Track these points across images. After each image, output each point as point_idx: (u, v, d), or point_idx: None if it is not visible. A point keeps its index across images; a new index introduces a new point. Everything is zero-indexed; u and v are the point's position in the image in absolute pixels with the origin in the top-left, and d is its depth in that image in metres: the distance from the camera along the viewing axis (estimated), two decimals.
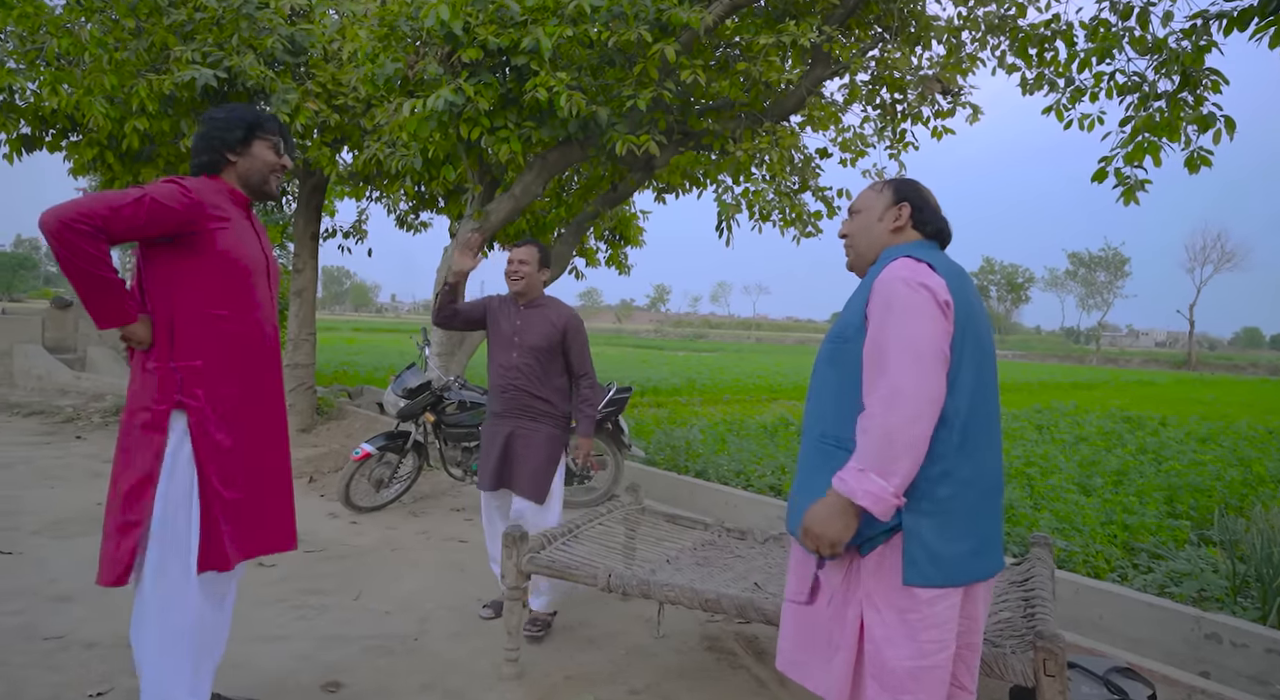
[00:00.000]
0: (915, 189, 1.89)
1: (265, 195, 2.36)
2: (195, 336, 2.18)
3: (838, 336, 1.78)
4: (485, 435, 3.41)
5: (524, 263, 3.34)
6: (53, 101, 5.91)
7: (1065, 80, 5.10)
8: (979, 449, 1.70)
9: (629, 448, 5.77)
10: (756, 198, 6.42)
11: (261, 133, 2.29)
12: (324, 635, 3.20)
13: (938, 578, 1.63)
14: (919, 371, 1.59)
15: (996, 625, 2.38)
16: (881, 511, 1.58)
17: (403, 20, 5.14)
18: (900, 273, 1.66)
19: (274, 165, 2.33)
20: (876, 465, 1.57)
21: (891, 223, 1.85)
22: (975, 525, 1.70)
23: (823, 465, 1.74)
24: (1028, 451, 7.54)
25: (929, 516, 1.64)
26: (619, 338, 59.73)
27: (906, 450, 1.57)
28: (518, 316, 3.37)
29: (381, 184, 8.03)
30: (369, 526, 4.87)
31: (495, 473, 3.33)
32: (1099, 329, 77.02)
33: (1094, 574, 4.15)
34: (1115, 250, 73.69)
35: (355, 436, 7.32)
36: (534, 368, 3.32)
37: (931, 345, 1.60)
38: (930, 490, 1.64)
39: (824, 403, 1.80)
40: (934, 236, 1.87)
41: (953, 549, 1.65)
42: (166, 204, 2.07)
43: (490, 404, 3.44)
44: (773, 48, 5.45)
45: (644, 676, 2.95)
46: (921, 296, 1.62)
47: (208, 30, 5.88)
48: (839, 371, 1.75)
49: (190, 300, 2.17)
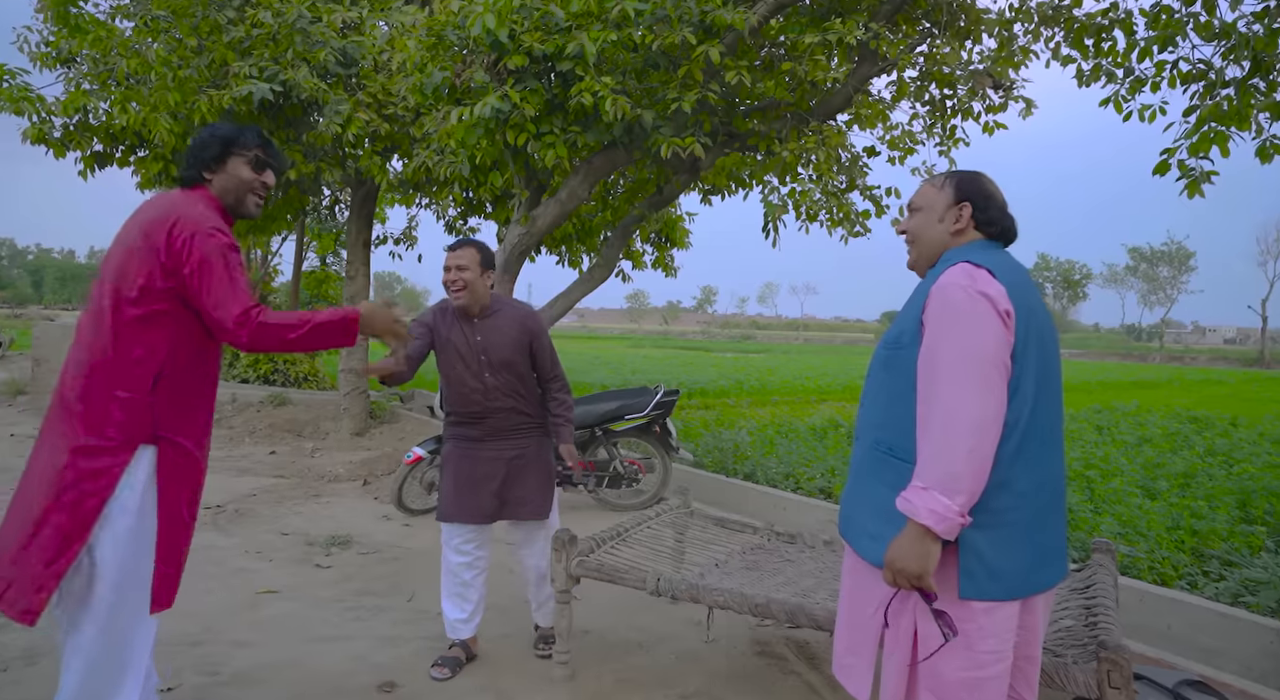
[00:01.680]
0: (978, 185, 1.79)
1: (243, 215, 2.23)
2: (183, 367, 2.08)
3: (894, 342, 1.73)
4: (466, 466, 2.97)
5: (462, 268, 2.87)
6: (123, 119, 6.19)
7: (1124, 70, 4.92)
8: (1039, 458, 1.63)
9: (677, 451, 5.77)
10: (803, 198, 6.34)
11: (237, 148, 2.18)
12: (379, 636, 3.27)
13: (995, 591, 1.59)
14: (980, 386, 1.54)
15: (1057, 634, 2.31)
16: (946, 530, 1.53)
17: (450, 30, 5.23)
18: (959, 280, 1.61)
19: (250, 183, 2.19)
20: (940, 483, 1.52)
21: (952, 224, 1.78)
22: (1035, 536, 1.64)
23: (875, 472, 1.71)
24: (1087, 453, 7.31)
25: (985, 529, 1.58)
26: (666, 340, 59.75)
27: (969, 467, 1.52)
28: (475, 332, 2.94)
29: (430, 191, 8.18)
30: (421, 529, 4.96)
31: (494, 505, 2.97)
32: (1162, 326, 74.25)
33: (1160, 581, 3.99)
34: (1179, 244, 71.04)
35: (407, 440, 7.47)
36: (513, 383, 2.96)
37: (992, 358, 1.55)
38: (985, 502, 1.57)
39: (877, 409, 1.76)
40: (998, 236, 1.78)
41: (1011, 562, 1.60)
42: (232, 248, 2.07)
43: (461, 430, 3.01)
44: (818, 46, 5.38)
45: (694, 681, 2.94)
46: (981, 306, 1.57)
47: (264, 46, 6.07)
48: (893, 378, 1.71)
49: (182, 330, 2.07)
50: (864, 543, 1.73)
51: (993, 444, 1.55)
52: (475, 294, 2.91)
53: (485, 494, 2.96)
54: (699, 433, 7.86)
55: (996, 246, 1.77)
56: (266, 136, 2.28)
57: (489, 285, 2.97)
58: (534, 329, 3.02)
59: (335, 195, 9.94)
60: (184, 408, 2.11)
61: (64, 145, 6.61)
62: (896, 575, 1.57)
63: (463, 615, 3.05)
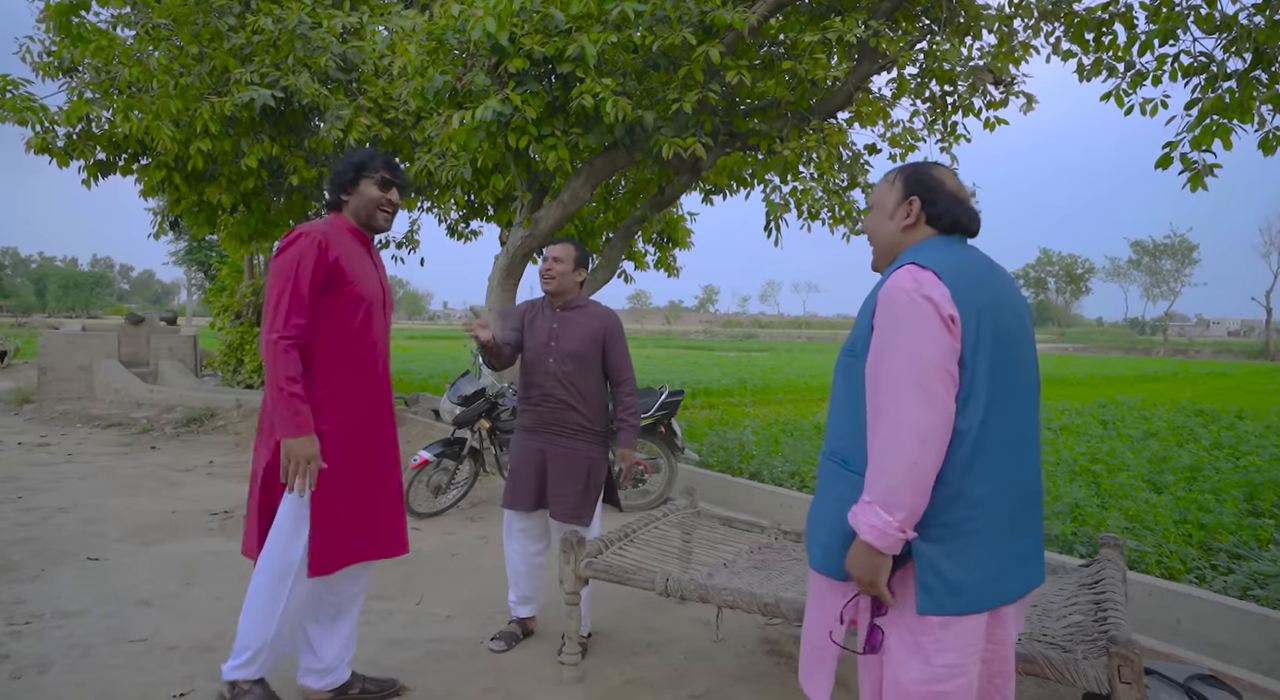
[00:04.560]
0: (926, 178, 1.70)
1: (375, 228, 2.60)
2: (325, 366, 2.43)
3: (849, 350, 1.69)
4: (517, 452, 3.20)
5: (558, 261, 3.13)
6: (125, 127, 6.20)
7: (1125, 64, 4.91)
8: (998, 465, 1.56)
9: (682, 451, 5.77)
10: (805, 196, 6.36)
11: (367, 172, 2.52)
12: (389, 639, 3.28)
13: (955, 606, 1.53)
14: (922, 398, 1.48)
15: (1066, 629, 2.31)
16: (886, 546, 1.49)
17: (450, 34, 5.25)
18: (903, 283, 1.54)
19: (379, 200, 2.54)
20: (881, 498, 1.49)
21: (903, 220, 1.70)
22: (998, 544, 1.57)
23: (828, 483, 1.70)
24: (1093, 448, 7.29)
25: (941, 542, 1.53)
26: (668, 340, 59.67)
27: (909, 482, 1.48)
28: (554, 320, 3.16)
29: (433, 194, 8.20)
30: (429, 532, 4.97)
31: (535, 493, 3.14)
32: (1166, 319, 74.06)
33: (1168, 575, 3.99)
34: (1182, 237, 70.90)
35: (413, 443, 7.47)
36: (572, 375, 3.10)
37: (935, 367, 1.49)
38: (938, 515, 1.53)
39: (836, 419, 1.72)
40: (952, 228, 1.68)
41: (971, 574, 1.53)
42: (308, 264, 2.37)
43: (520, 418, 3.22)
44: (818, 45, 5.39)
45: (704, 681, 2.94)
46: (922, 311, 1.50)
47: (265, 52, 6.09)
48: (849, 387, 1.66)
49: (322, 332, 2.42)
50: (814, 551, 1.72)
51: (936, 458, 1.50)
52: (563, 286, 3.15)
53: (526, 481, 3.14)
54: (704, 433, 7.86)
55: (955, 241, 1.68)
56: (392, 161, 2.60)
57: (579, 282, 3.21)
58: (611, 328, 3.19)
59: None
60: None
61: (67, 154, 6.63)
62: (858, 583, 1.56)
63: (514, 598, 3.29)
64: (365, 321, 2.51)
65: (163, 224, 9.98)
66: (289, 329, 2.33)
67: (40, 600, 3.58)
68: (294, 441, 2.30)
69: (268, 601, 2.43)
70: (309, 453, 2.31)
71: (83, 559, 4.21)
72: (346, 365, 2.47)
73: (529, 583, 3.27)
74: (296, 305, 2.34)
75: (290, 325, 2.33)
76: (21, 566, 4.05)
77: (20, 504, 5.38)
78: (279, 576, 2.42)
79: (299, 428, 2.30)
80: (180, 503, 5.47)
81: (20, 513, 5.13)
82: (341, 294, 2.44)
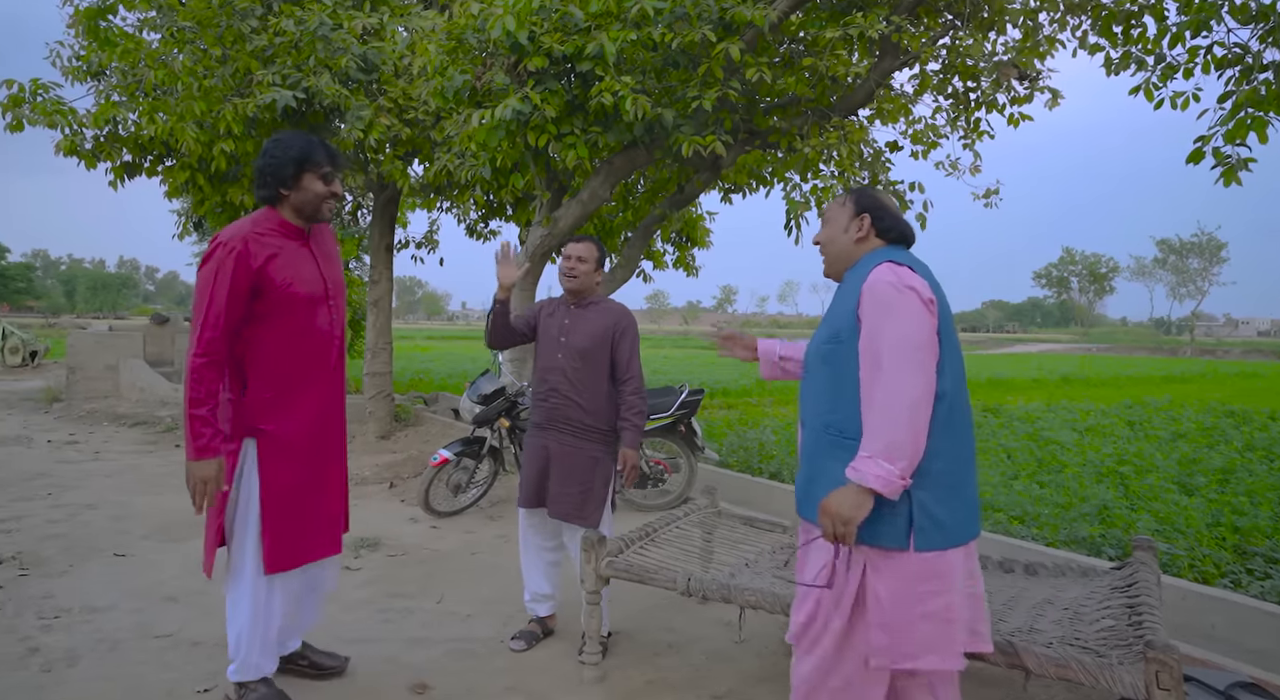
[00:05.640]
0: (874, 199, 2.06)
1: (315, 221, 2.55)
2: (267, 370, 2.43)
3: (832, 338, 1.96)
4: (526, 449, 3.23)
5: (582, 260, 3.13)
6: (150, 129, 6.28)
7: (1155, 57, 4.81)
8: (962, 424, 1.91)
9: (702, 450, 5.74)
10: (825, 194, 6.29)
11: (310, 166, 2.44)
12: (410, 638, 3.28)
13: (941, 541, 1.84)
14: (914, 368, 1.78)
15: (1100, 633, 2.26)
16: (890, 492, 1.76)
17: (470, 33, 5.24)
18: (886, 277, 1.85)
19: (324, 195, 2.49)
20: (884, 451, 1.75)
21: (856, 233, 2.04)
22: (964, 493, 1.91)
23: (829, 454, 1.92)
24: (1120, 449, 7.18)
25: (929, 489, 1.84)
26: (686, 340, 59.59)
27: (909, 436, 1.76)
28: (567, 316, 3.18)
29: (452, 194, 8.22)
30: (449, 531, 4.98)
31: (535, 489, 3.14)
32: (1193, 319, 72.90)
33: (1201, 579, 3.90)
34: (1210, 235, 69.76)
35: (432, 442, 7.51)
36: (579, 371, 3.09)
37: (923, 342, 1.80)
38: (926, 466, 1.83)
39: (821, 399, 1.99)
40: (898, 240, 2.03)
41: (952, 515, 1.86)
42: (225, 278, 2.32)
43: (531, 414, 3.24)
44: (839, 41, 5.33)
45: (726, 682, 2.91)
46: (909, 297, 1.82)
47: (286, 53, 6.13)
48: (834, 369, 1.94)
49: (261, 336, 2.41)
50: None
51: (927, 416, 1.79)
52: (584, 285, 3.17)
53: (530, 478, 3.16)
54: (723, 432, 7.82)
55: (902, 248, 2.03)
56: (331, 148, 2.54)
57: (597, 282, 3.22)
58: (623, 326, 3.17)
59: (357, 200, 10.02)
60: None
61: (94, 156, 6.72)
62: (830, 519, 1.80)
63: (529, 596, 3.31)
64: (308, 318, 2.47)
65: (187, 225, 10.09)
66: (202, 347, 2.29)
67: (69, 595, 3.63)
68: (194, 464, 2.29)
69: (244, 605, 2.48)
70: (206, 475, 2.30)
71: (110, 555, 4.26)
72: (292, 364, 2.45)
73: (544, 580, 3.27)
74: (212, 321, 2.30)
75: (204, 343, 2.29)
76: (51, 562, 4.11)
77: (50, 500, 5.46)
78: (246, 579, 2.46)
79: (199, 451, 2.29)
80: None
81: (50, 509, 5.21)
82: (274, 297, 2.38)
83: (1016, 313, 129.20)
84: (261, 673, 2.55)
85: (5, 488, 5.79)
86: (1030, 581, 2.92)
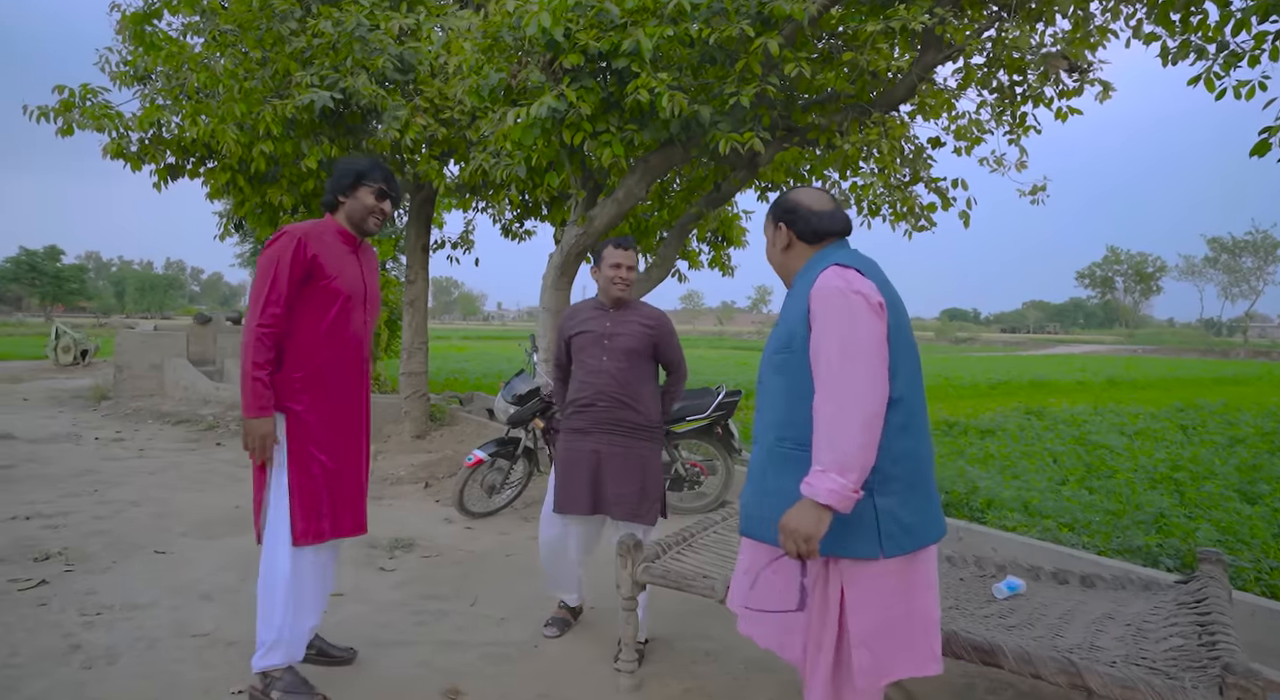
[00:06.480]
0: (786, 203, 2.01)
1: (364, 232, 2.82)
2: (303, 352, 2.63)
3: (784, 348, 1.89)
4: (567, 456, 3.16)
5: (631, 268, 3.17)
6: (193, 132, 6.37)
7: (1217, 45, 4.59)
8: (919, 427, 1.86)
9: (739, 452, 5.64)
10: (865, 192, 6.16)
11: (366, 180, 2.74)
12: (443, 641, 3.25)
13: (909, 544, 1.82)
14: (865, 374, 1.72)
15: (1168, 653, 2.12)
16: (844, 507, 1.71)
17: (505, 31, 5.22)
18: (833, 282, 1.79)
19: (371, 208, 2.77)
20: (835, 464, 1.70)
21: (781, 245, 2.01)
22: (927, 492, 1.88)
23: (783, 470, 1.87)
24: (1174, 454, 6.90)
25: (892, 495, 1.81)
26: (721, 340, 59.31)
27: (859, 449, 1.70)
28: (607, 319, 3.20)
29: (487, 194, 8.22)
30: (483, 532, 4.95)
31: (591, 496, 3.11)
32: (1246, 319, 70.52)
33: (1270, 594, 3.70)
34: (1265, 233, 67.47)
35: (467, 442, 7.51)
36: (626, 372, 3.11)
37: (874, 348, 1.74)
38: (888, 470, 1.80)
39: (776, 410, 1.92)
40: (825, 237, 1.96)
41: (916, 517, 1.83)
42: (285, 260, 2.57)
43: (570, 421, 3.19)
44: (880, 34, 5.19)
45: (765, 693, 2.82)
46: (856, 302, 1.76)
47: (324, 55, 6.18)
48: (788, 379, 1.88)
49: (300, 321, 2.63)
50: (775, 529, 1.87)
51: (879, 425, 1.73)
52: (632, 291, 3.28)
53: (580, 485, 3.11)
54: None
55: (842, 245, 1.97)
56: (388, 170, 2.81)
57: None
58: (661, 325, 3.22)
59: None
60: None
61: (139, 159, 6.84)
62: (790, 537, 1.74)
63: (552, 588, 3.42)
64: (342, 314, 2.70)
65: (228, 226, 10.25)
66: (265, 319, 2.54)
67: (111, 591, 3.67)
68: (253, 421, 2.52)
69: (276, 585, 2.61)
70: (265, 431, 2.54)
71: (151, 552, 4.31)
72: (324, 353, 2.67)
73: (563, 574, 3.34)
74: (274, 297, 2.55)
75: (267, 315, 2.54)
76: (96, 558, 4.17)
77: (96, 497, 5.56)
78: (279, 556, 2.61)
79: (260, 409, 2.52)
80: (243, 498, 5.58)
81: (96, 505, 5.31)
82: (319, 287, 2.64)
83: (1058, 313, 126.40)
84: (291, 658, 2.65)
85: (55, 484, 5.92)
86: (1087, 594, 2.79)
